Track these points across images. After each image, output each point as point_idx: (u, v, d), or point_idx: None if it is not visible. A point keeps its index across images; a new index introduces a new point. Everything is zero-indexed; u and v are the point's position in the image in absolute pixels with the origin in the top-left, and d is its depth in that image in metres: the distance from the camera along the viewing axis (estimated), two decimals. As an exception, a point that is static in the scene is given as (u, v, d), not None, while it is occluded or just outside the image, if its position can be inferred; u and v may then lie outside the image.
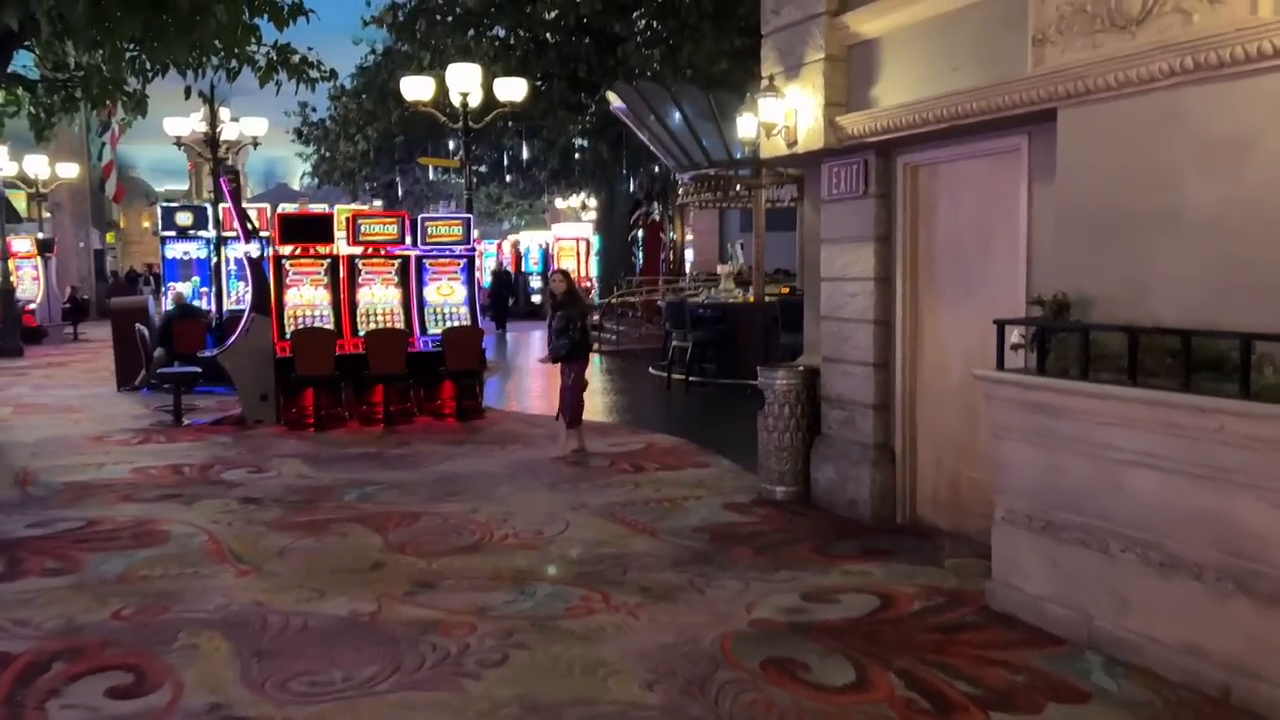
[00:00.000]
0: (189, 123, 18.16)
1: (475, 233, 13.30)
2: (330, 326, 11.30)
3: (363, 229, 11.62)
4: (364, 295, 11.59)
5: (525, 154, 22.27)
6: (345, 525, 6.75)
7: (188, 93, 10.80)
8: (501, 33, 23.35)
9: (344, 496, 7.60)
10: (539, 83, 21.26)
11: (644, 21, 22.36)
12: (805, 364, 7.38)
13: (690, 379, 13.59)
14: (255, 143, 19.95)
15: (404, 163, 25.37)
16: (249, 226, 11.45)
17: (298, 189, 47.06)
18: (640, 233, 23.91)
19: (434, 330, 11.66)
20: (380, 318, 11.61)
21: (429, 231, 11.92)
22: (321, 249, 11.53)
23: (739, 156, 13.40)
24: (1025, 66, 5.03)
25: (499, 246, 30.10)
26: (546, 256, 32.87)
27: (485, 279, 30.41)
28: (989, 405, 4.95)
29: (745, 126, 7.95)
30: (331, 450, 9.53)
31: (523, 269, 30.30)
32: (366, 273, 11.63)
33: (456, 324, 11.80)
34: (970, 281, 6.06)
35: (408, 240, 11.86)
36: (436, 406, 11.55)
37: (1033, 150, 5.47)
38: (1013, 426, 4.80)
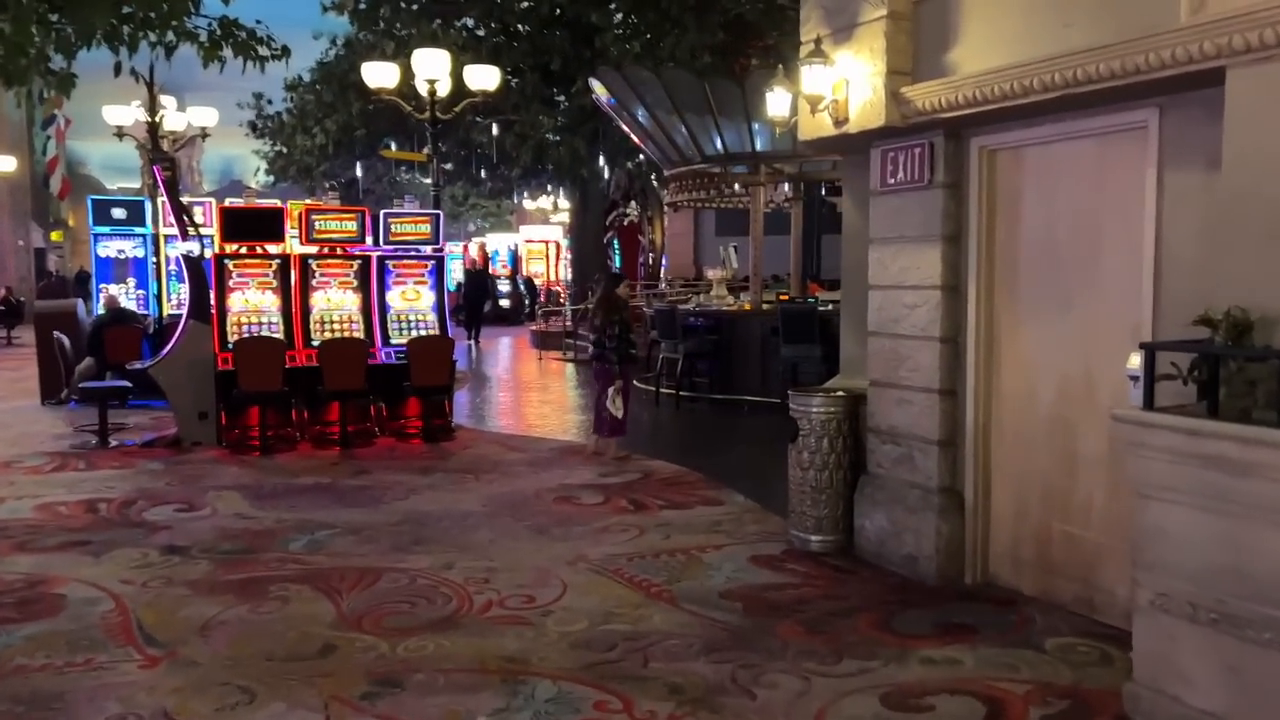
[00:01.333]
0: (132, 111, 16.72)
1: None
2: (279, 335, 9.98)
3: (317, 225, 10.32)
4: (318, 300, 10.28)
5: (495, 150, 20.95)
6: (288, 587, 5.46)
7: (117, 69, 9.46)
8: (470, 22, 22.08)
9: (289, 545, 6.29)
10: (510, 77, 20.04)
11: (621, 15, 21.21)
12: (844, 387, 6.20)
13: (681, 394, 12.38)
14: (204, 134, 18.62)
15: (365, 158, 23.95)
16: (187, 221, 10.08)
17: (255, 187, 45.27)
18: (615, 235, 22.69)
19: (398, 340, 10.38)
20: (336, 326, 10.31)
21: (393, 229, 10.64)
22: (270, 248, 10.22)
23: (733, 150, 12.26)
24: (1174, 16, 3.89)
25: (465, 248, 28.74)
26: (515, 259, 31.63)
27: (451, 282, 29.09)
28: (1134, 456, 3.78)
29: (775, 104, 6.77)
30: (278, 480, 8.21)
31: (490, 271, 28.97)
32: (321, 275, 10.32)
33: (423, 333, 10.52)
34: (1067, 292, 4.91)
35: (368, 239, 10.59)
36: (400, 426, 10.27)
37: (1165, 127, 4.32)
38: (1172, 485, 3.64)
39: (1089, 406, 4.80)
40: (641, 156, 19.97)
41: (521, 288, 30.04)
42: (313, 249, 10.36)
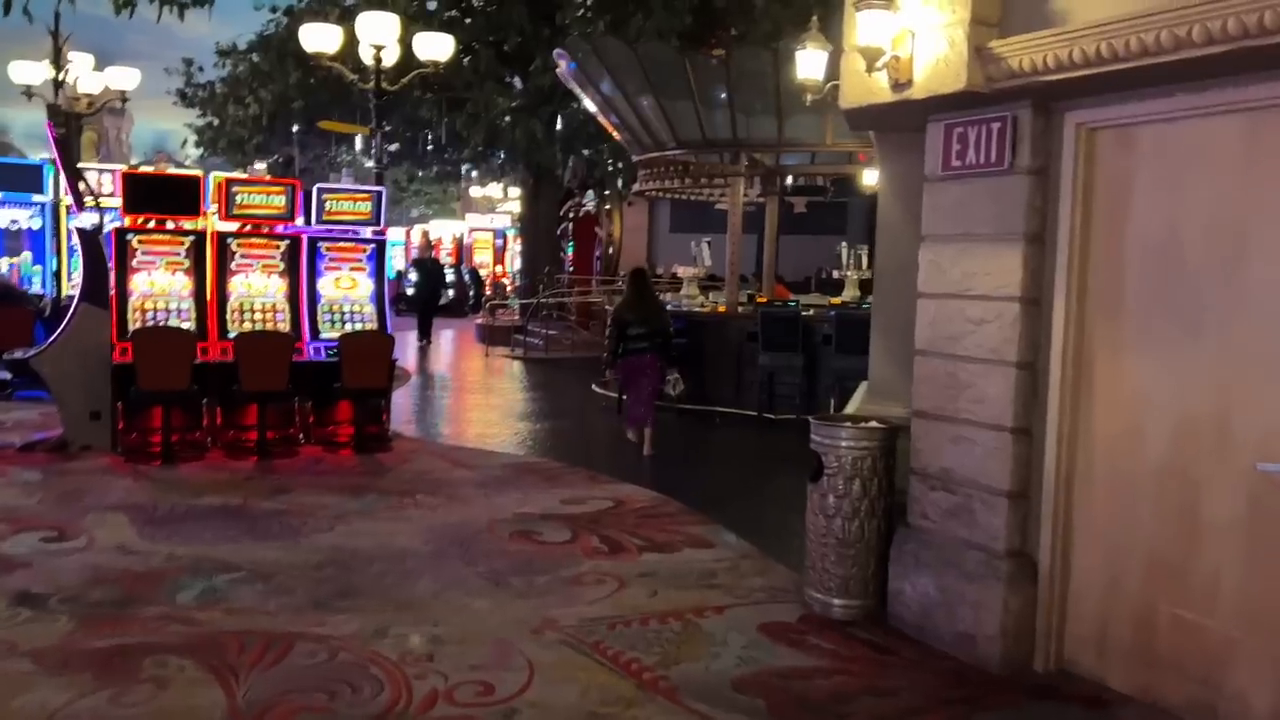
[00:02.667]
0: (41, 70, 15.07)
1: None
2: (189, 325, 8.60)
3: (239, 199, 8.92)
4: (238, 285, 8.90)
5: (445, 130, 19.55)
6: (168, 661, 4.17)
7: (7, 7, 8.11)
8: (423, -6, 20.64)
9: (178, 594, 4.99)
10: (463, 55, 18.69)
11: (585, -4, 19.97)
12: (875, 415, 5.08)
13: (646, 403, 11.19)
14: (123, 98, 17.13)
15: (303, 133, 22.34)
16: (81, 189, 8.65)
17: (187, 163, 43.04)
18: (570, 226, 21.43)
19: (329, 334, 9.04)
20: (258, 316, 8.93)
21: (328, 207, 9.28)
22: (184, 222, 8.81)
23: (713, 136, 11.13)
24: None
25: (407, 233, 27.22)
26: (461, 249, 30.28)
27: (391, 270, 27.56)
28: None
29: (807, 65, 5.60)
30: (177, 499, 6.86)
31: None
32: (242, 256, 8.94)
33: (359, 327, 9.20)
34: (1195, 310, 3.83)
35: (299, 218, 9.23)
36: (329, 434, 8.95)
37: (1360, 98, 3.26)
38: None
39: (1220, 457, 3.74)
40: (604, 144, 18.75)
41: (466, 278, 28.64)
42: (233, 226, 8.98)
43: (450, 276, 27.05)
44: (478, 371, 15.78)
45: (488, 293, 26.72)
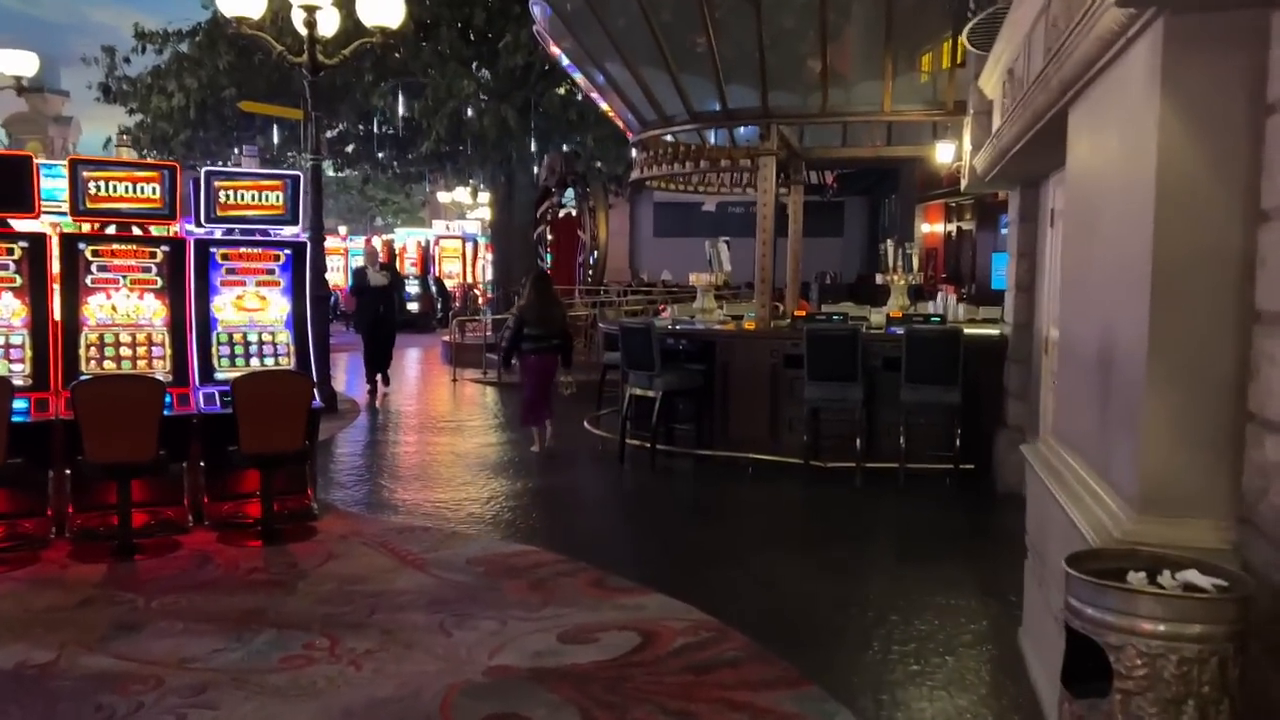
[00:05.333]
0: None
1: (343, 228, 8.42)
2: (21, 366, 6.09)
3: (94, 189, 6.39)
4: (96, 309, 6.39)
5: (401, 122, 17.02)
6: None
7: None
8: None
9: None
10: (421, 36, 16.25)
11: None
12: (1153, 541, 2.63)
13: (656, 447, 8.72)
14: (20, 87, 14.93)
15: (245, 131, 19.69)
16: None
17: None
18: (547, 229, 18.97)
19: (227, 374, 6.52)
20: (126, 351, 6.42)
21: (223, 199, 6.75)
22: (13, 222, 6.29)
23: (736, 107, 8.68)
24: None
25: (368, 240, 24.62)
26: (427, 258, 27.78)
27: (350, 283, 24.96)
28: None
29: None
30: (-47, 653, 4.32)
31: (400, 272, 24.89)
32: (101, 268, 6.42)
33: (270, 363, 6.69)
34: None
35: (184, 216, 6.72)
36: (228, 513, 6.45)
37: None
38: None
39: None
40: (586, 134, 16.30)
41: (433, 289, 26.09)
42: (88, 226, 6.46)
43: (414, 288, 24.50)
44: (443, 402, 13.22)
45: (455, 305, 24.21)
